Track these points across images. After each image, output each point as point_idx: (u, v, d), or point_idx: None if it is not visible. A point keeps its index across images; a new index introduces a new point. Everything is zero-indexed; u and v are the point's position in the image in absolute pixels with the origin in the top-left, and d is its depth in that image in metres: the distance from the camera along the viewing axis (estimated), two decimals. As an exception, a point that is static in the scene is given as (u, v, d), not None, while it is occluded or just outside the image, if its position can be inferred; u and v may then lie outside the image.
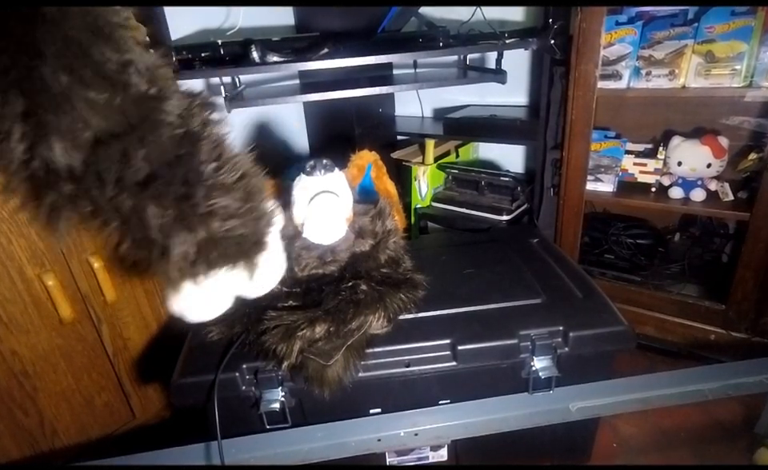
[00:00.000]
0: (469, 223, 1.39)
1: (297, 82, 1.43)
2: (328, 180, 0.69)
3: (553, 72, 1.18)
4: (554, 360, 0.78)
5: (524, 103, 1.52)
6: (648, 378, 0.83)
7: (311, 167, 0.68)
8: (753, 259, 1.05)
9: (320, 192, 0.69)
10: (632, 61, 1.11)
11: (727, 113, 1.15)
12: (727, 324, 1.13)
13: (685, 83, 1.07)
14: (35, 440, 0.90)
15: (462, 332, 0.79)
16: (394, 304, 0.76)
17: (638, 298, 1.23)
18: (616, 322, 0.80)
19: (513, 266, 0.98)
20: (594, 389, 0.80)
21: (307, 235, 0.72)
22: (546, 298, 0.86)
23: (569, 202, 1.23)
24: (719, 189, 1.14)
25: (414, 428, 0.77)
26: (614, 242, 1.34)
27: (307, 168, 0.69)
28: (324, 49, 1.11)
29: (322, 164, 0.69)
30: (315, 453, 0.75)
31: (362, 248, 0.76)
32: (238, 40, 1.11)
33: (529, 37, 1.16)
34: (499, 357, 0.79)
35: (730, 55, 1.01)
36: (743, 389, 0.82)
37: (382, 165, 0.92)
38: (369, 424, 0.77)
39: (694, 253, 1.29)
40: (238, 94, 1.16)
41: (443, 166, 1.51)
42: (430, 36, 1.24)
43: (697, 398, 0.81)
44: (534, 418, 0.78)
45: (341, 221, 0.73)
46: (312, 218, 0.70)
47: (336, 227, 0.72)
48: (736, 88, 1.02)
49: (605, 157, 1.22)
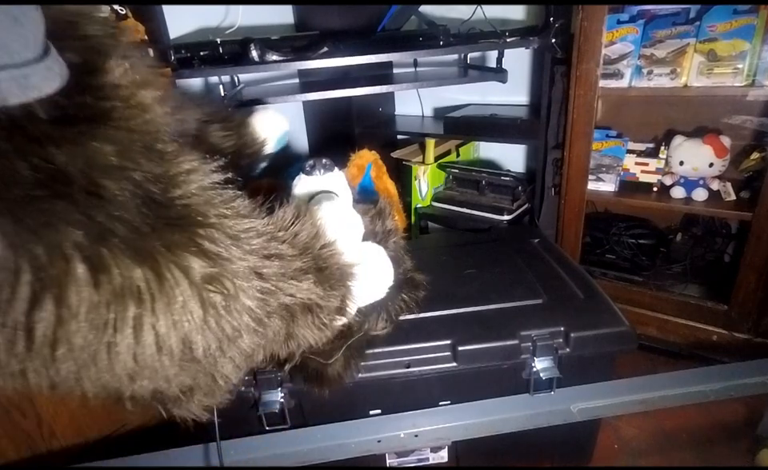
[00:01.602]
0: (469, 223, 1.39)
1: (296, 81, 1.42)
2: (327, 180, 0.69)
3: (554, 71, 1.17)
4: (555, 361, 0.77)
5: (525, 102, 1.51)
6: (650, 379, 0.82)
7: (310, 167, 0.68)
8: (755, 259, 1.04)
9: (319, 192, 0.68)
10: (634, 60, 1.10)
11: (729, 112, 1.15)
12: (729, 325, 1.12)
13: (687, 82, 1.06)
14: (33, 441, 0.89)
15: (463, 332, 0.79)
16: (395, 306, 0.76)
17: (639, 298, 1.23)
18: (617, 323, 0.80)
19: (514, 266, 0.98)
20: (595, 390, 0.80)
21: None
22: (547, 299, 0.86)
23: (570, 202, 1.22)
24: (721, 189, 1.13)
25: (414, 429, 0.77)
26: (616, 242, 1.33)
27: (306, 167, 0.68)
28: (323, 48, 1.10)
29: (322, 163, 0.68)
30: (315, 454, 0.74)
31: None
32: (237, 39, 1.10)
33: (530, 36, 1.16)
34: (500, 358, 0.78)
35: (732, 54, 1.01)
36: (745, 390, 0.82)
37: (382, 165, 0.92)
38: (369, 426, 0.77)
39: (696, 253, 1.28)
40: (237, 93, 1.15)
41: (444, 166, 1.51)
42: (430, 34, 1.24)
43: (699, 399, 0.81)
44: (534, 419, 0.78)
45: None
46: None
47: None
48: (738, 87, 1.02)
49: (606, 156, 1.22)
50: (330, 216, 0.57)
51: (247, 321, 0.40)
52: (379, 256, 0.66)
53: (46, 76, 0.30)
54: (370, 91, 1.16)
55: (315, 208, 0.57)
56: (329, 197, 0.63)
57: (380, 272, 0.65)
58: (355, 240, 0.61)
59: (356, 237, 0.62)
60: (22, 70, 0.29)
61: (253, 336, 0.41)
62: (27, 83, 0.29)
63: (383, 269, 0.66)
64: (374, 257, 0.65)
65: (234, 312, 0.37)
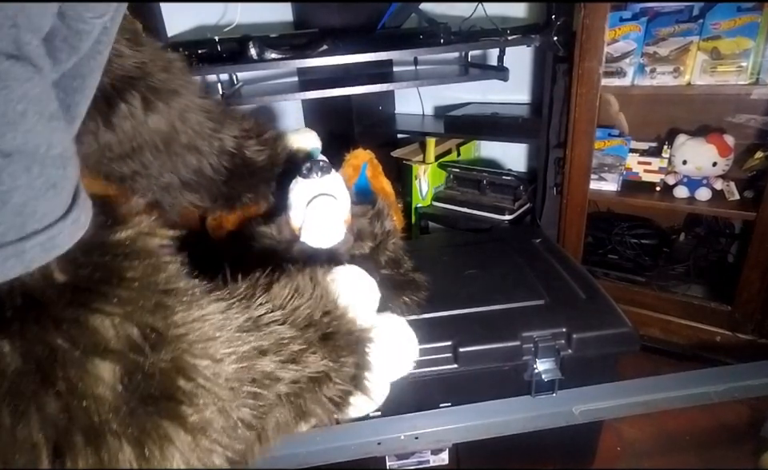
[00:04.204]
0: (470, 223, 1.38)
1: (295, 80, 1.42)
2: (325, 182, 0.67)
3: (556, 69, 1.17)
4: (557, 363, 0.76)
5: (526, 101, 1.50)
6: (652, 380, 0.81)
7: (307, 169, 0.66)
8: (759, 259, 1.03)
9: (318, 195, 0.67)
10: (636, 58, 1.09)
11: (733, 110, 1.14)
12: (733, 326, 1.11)
13: (690, 80, 1.05)
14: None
15: (464, 333, 0.78)
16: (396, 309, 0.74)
17: (642, 299, 1.22)
18: (620, 324, 0.79)
19: (515, 267, 0.97)
20: (597, 392, 0.79)
21: (305, 239, 0.70)
22: (549, 299, 0.85)
23: (572, 202, 1.22)
24: (725, 188, 1.12)
25: (414, 431, 0.76)
26: (618, 242, 1.32)
27: (303, 170, 0.66)
28: (323, 46, 1.10)
29: (319, 166, 0.66)
30: (313, 457, 0.73)
31: (362, 251, 0.74)
32: (236, 36, 1.10)
33: (531, 34, 1.15)
34: (501, 359, 0.77)
35: (735, 52, 1.00)
36: (750, 392, 0.81)
37: (378, 164, 0.90)
38: (368, 427, 0.76)
39: (700, 254, 1.27)
40: (236, 92, 1.14)
41: (444, 165, 1.50)
42: (430, 32, 1.23)
43: (702, 401, 0.80)
44: (536, 421, 0.77)
45: (339, 223, 0.71)
46: (310, 222, 0.68)
47: (335, 230, 0.71)
48: (742, 85, 1.01)
49: (608, 155, 1.21)
50: (343, 280, 0.52)
51: (240, 434, 0.36)
52: (401, 326, 0.59)
53: (71, 232, 0.27)
54: (370, 89, 1.15)
55: (323, 272, 0.51)
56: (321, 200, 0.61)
57: (403, 344, 0.57)
58: (371, 307, 0.54)
59: (372, 305, 0.55)
60: (49, 232, 0.26)
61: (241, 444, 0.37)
62: (52, 244, 0.26)
63: (406, 340, 0.58)
64: (394, 328, 0.57)
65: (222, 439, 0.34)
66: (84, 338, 0.28)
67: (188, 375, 0.32)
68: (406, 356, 0.58)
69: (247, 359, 0.37)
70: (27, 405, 0.26)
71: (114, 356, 0.29)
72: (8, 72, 0.24)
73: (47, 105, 0.27)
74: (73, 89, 0.31)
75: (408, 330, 0.59)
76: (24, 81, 0.25)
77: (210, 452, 0.34)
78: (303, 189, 0.66)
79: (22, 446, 0.26)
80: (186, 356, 0.32)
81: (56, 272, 0.28)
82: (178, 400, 0.31)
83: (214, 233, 0.81)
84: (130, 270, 0.31)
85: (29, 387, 0.26)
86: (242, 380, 0.36)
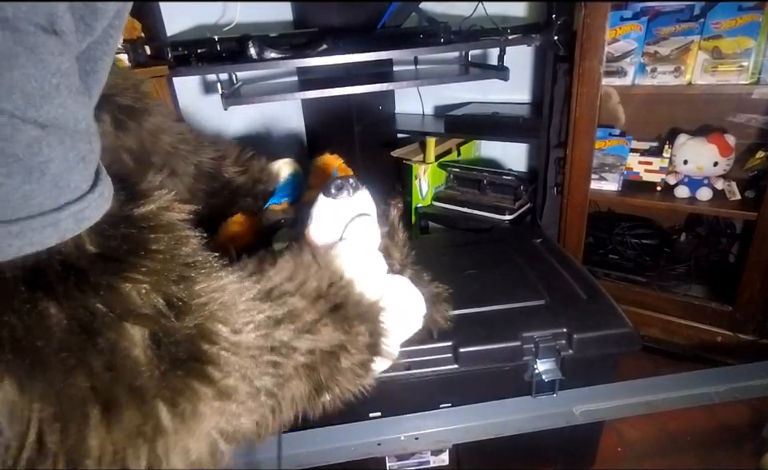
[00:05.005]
0: (470, 223, 1.38)
1: (295, 79, 1.41)
2: (358, 201, 0.58)
3: (556, 68, 1.16)
4: (558, 363, 0.76)
5: (527, 100, 1.50)
6: (653, 381, 0.81)
7: (337, 188, 0.56)
8: (760, 259, 1.03)
9: (356, 216, 0.60)
10: (637, 58, 1.09)
11: (734, 110, 1.14)
12: (734, 326, 1.11)
13: (691, 80, 1.05)
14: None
15: (464, 334, 0.77)
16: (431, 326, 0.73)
17: (643, 299, 1.21)
18: (621, 324, 0.79)
19: (515, 267, 0.96)
20: (598, 392, 0.79)
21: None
22: (550, 299, 0.84)
23: (572, 201, 1.21)
24: (726, 188, 1.12)
25: (414, 431, 0.75)
26: (619, 242, 1.32)
27: (332, 189, 0.57)
28: (323, 46, 1.09)
29: (349, 183, 0.60)
30: (313, 457, 0.73)
31: (393, 268, 0.68)
32: (235, 36, 1.09)
33: (532, 33, 1.15)
34: (502, 360, 0.77)
35: (736, 51, 0.99)
36: (751, 392, 0.81)
37: (348, 169, 0.86)
38: (368, 428, 0.76)
39: (701, 254, 1.27)
40: (235, 91, 1.14)
41: (444, 165, 1.50)
42: (430, 32, 1.22)
43: (703, 401, 0.79)
44: (537, 422, 0.77)
45: (378, 241, 0.66)
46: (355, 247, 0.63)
47: (377, 251, 0.65)
48: (743, 85, 1.01)
49: (609, 155, 1.20)
50: (347, 256, 0.51)
51: (264, 402, 0.38)
52: (406, 286, 0.59)
53: (98, 204, 0.29)
54: (370, 89, 1.15)
55: (326, 248, 0.51)
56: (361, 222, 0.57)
57: (410, 303, 0.59)
58: (377, 279, 0.54)
59: (378, 276, 0.55)
60: (80, 204, 0.28)
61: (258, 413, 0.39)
62: (83, 216, 0.28)
63: (414, 299, 0.59)
64: (400, 289, 0.58)
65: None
66: (118, 303, 0.30)
67: (212, 340, 0.34)
68: (415, 315, 0.59)
69: (264, 327, 0.38)
70: (76, 361, 0.28)
71: (145, 320, 0.31)
72: (45, 45, 0.24)
73: (74, 81, 0.28)
74: (86, 72, 0.32)
75: (413, 289, 0.59)
76: (57, 55, 0.25)
77: (237, 415, 0.36)
78: (334, 211, 0.59)
79: (72, 399, 0.28)
80: (208, 323, 0.34)
81: (87, 243, 0.29)
82: (204, 362, 0.33)
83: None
84: (155, 242, 0.32)
85: (75, 345, 0.28)
86: (262, 348, 0.38)
